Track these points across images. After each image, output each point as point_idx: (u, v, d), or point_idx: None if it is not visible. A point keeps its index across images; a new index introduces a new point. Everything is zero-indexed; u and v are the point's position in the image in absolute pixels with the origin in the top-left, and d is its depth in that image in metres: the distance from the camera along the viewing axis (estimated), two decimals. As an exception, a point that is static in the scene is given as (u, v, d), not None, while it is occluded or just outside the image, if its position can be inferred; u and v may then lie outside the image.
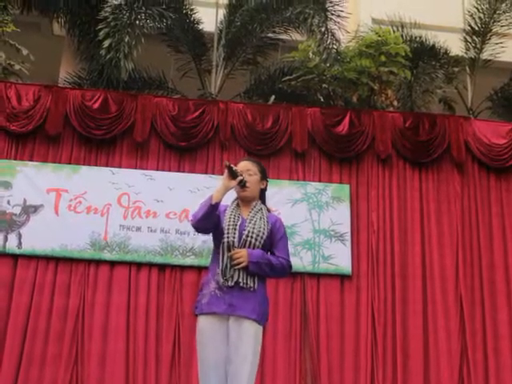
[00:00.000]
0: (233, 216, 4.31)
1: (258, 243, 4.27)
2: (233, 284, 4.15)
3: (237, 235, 4.25)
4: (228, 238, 4.23)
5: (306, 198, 9.13)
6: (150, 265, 8.75)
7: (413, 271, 9.03)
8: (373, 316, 8.81)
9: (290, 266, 4.43)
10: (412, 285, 8.98)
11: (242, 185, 4.31)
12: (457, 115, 10.33)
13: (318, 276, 8.92)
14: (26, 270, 8.60)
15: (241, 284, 4.17)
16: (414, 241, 9.19)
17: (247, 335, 4.13)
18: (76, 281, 8.62)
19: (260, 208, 4.44)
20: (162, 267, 8.77)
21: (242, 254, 4.17)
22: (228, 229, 4.26)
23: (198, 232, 4.45)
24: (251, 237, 4.26)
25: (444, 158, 9.63)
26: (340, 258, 8.93)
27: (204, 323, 4.14)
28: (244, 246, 4.25)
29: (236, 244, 4.23)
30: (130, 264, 8.74)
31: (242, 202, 4.38)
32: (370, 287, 8.92)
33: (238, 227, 4.27)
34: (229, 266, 4.18)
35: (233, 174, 4.26)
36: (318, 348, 8.61)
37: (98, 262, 8.72)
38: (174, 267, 8.74)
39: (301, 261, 8.84)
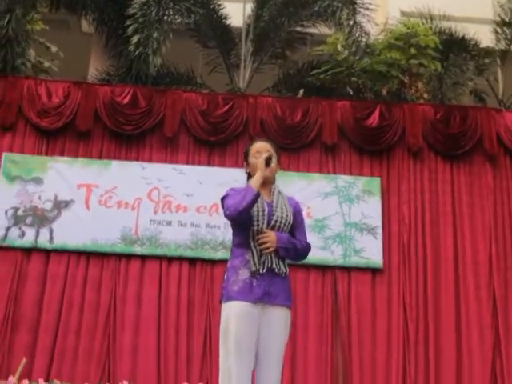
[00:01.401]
0: (258, 201, 4.16)
1: (285, 228, 4.20)
2: (265, 270, 4.08)
3: (266, 220, 4.15)
4: (258, 224, 4.13)
5: (337, 191, 9.09)
6: (181, 259, 8.77)
7: (445, 265, 8.95)
8: (404, 310, 8.75)
9: (310, 250, 4.38)
10: (444, 278, 8.90)
11: (268, 161, 4.19)
12: (488, 107, 10.22)
13: (348, 269, 8.89)
14: (58, 264, 8.67)
15: (275, 270, 4.09)
16: (445, 234, 9.11)
17: (282, 322, 4.08)
18: (107, 275, 8.68)
19: (279, 191, 4.35)
20: (192, 261, 8.79)
21: (271, 239, 4.07)
22: (258, 215, 4.14)
23: (236, 222, 4.20)
24: (280, 222, 4.16)
25: (476, 151, 9.53)
26: (371, 251, 8.89)
27: (236, 311, 3.98)
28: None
29: (265, 230, 4.17)
30: (160, 258, 8.77)
31: (261, 184, 4.15)
32: (401, 281, 8.86)
33: (266, 213, 4.18)
34: (259, 252, 4.07)
35: (268, 163, 4.19)
36: (350, 341, 8.57)
37: (129, 257, 8.76)
38: (204, 261, 8.75)
39: (332, 254, 8.81)
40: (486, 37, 11.05)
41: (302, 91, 10.16)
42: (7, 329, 8.28)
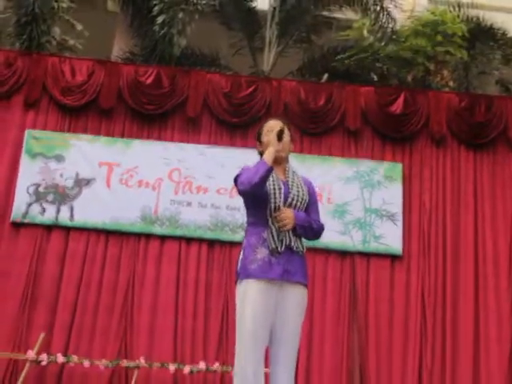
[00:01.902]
0: (274, 179, 4.18)
1: (302, 206, 4.20)
2: (283, 249, 4.06)
3: (282, 199, 4.14)
4: (275, 202, 4.12)
5: (358, 176, 9.04)
6: (200, 240, 8.77)
7: (465, 253, 8.89)
8: (423, 297, 8.71)
9: (323, 230, 4.35)
10: (464, 267, 8.84)
11: (280, 135, 4.13)
12: (514, 97, 10.14)
13: (368, 255, 8.85)
14: (78, 242, 8.70)
15: (294, 248, 4.09)
16: (466, 223, 9.03)
17: (300, 300, 4.09)
18: (126, 254, 8.70)
19: (293, 170, 4.34)
20: (211, 243, 8.79)
21: (289, 216, 4.07)
22: (274, 193, 4.14)
23: (249, 198, 4.19)
24: (296, 200, 4.17)
25: (500, 141, 9.43)
26: (391, 237, 8.84)
27: (254, 289, 3.98)
28: None
29: (282, 208, 4.12)
30: (180, 239, 8.77)
31: (274, 163, 4.13)
32: (420, 268, 8.81)
33: (282, 191, 4.16)
34: (278, 230, 4.06)
35: (280, 137, 4.16)
36: (367, 328, 8.55)
37: (149, 236, 8.77)
38: (223, 243, 8.75)
39: (351, 239, 8.79)
40: (513, 26, 10.97)
41: (326, 76, 10.13)
42: (26, 305, 8.33)
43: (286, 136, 4.25)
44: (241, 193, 4.19)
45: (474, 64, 10.33)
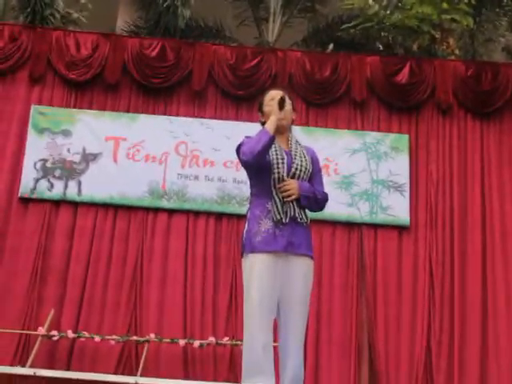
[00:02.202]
0: (277, 149, 4.13)
1: (305, 176, 4.16)
2: (288, 220, 4.04)
3: (285, 169, 4.09)
4: (278, 172, 4.07)
5: (365, 147, 9.02)
6: (208, 213, 8.81)
7: (472, 223, 8.90)
8: (430, 268, 8.73)
9: (327, 200, 4.31)
10: (471, 237, 8.85)
11: (282, 103, 4.07)
12: (520, 64, 10.07)
13: (375, 227, 8.87)
14: (86, 217, 8.74)
15: (298, 219, 4.06)
16: (473, 193, 9.03)
17: (306, 271, 4.07)
18: (135, 228, 8.74)
19: (296, 140, 4.29)
20: (219, 216, 8.83)
21: (293, 186, 4.04)
22: (277, 163, 4.09)
23: (250, 168, 4.13)
24: (300, 170, 4.12)
25: (506, 109, 9.38)
26: (398, 208, 8.85)
27: (260, 262, 3.97)
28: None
29: (285, 178, 4.08)
30: (187, 212, 8.81)
31: (277, 132, 4.10)
32: (428, 239, 8.83)
33: (285, 161, 4.12)
34: (282, 201, 4.03)
35: (281, 106, 4.13)
36: (375, 299, 8.60)
37: (157, 210, 8.81)
38: (231, 216, 8.78)
39: (358, 211, 8.81)
40: (520, -8, 10.85)
41: (331, 46, 10.07)
42: (36, 281, 8.39)
43: (288, 105, 4.19)
44: (243, 163, 4.15)
45: (480, 31, 10.24)
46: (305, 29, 10.99)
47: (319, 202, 4.22)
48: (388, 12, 9.75)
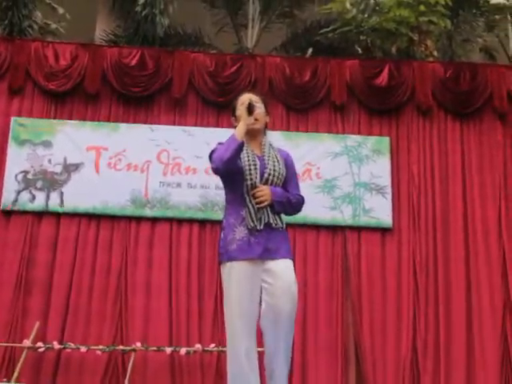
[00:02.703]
0: (249, 155, 4.11)
1: (279, 181, 4.14)
2: (262, 227, 4.02)
3: (258, 175, 4.07)
4: (251, 179, 4.05)
5: (346, 151, 9.05)
6: (191, 221, 8.80)
7: (454, 224, 8.95)
8: (414, 269, 8.76)
9: (304, 202, 4.31)
10: (454, 237, 8.90)
11: (250, 108, 4.03)
12: (498, 64, 10.14)
13: (358, 229, 8.89)
14: (68, 227, 8.71)
15: (273, 225, 4.05)
16: (455, 193, 9.07)
17: (288, 264, 4.05)
18: (118, 238, 8.72)
19: (269, 144, 4.26)
20: (202, 223, 8.82)
21: (265, 192, 4.02)
22: (250, 169, 4.06)
23: (221, 175, 4.11)
24: (273, 175, 4.11)
25: (486, 109, 9.44)
26: (381, 211, 8.89)
27: (237, 270, 3.95)
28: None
29: (258, 184, 4.06)
30: (170, 220, 8.80)
31: (250, 137, 4.13)
32: (411, 240, 8.86)
33: (258, 166, 4.09)
34: (256, 208, 4.01)
35: (250, 110, 4.10)
36: (360, 301, 8.62)
37: (139, 219, 8.79)
38: (214, 222, 8.73)
39: (341, 214, 8.83)
40: (496, -8, 10.92)
41: (310, 50, 10.09)
42: (20, 292, 8.35)
43: (259, 108, 4.15)
44: (213, 171, 4.11)
45: (457, 32, 10.28)
46: (283, 34, 11.01)
47: (294, 205, 4.21)
48: (366, 15, 9.79)
